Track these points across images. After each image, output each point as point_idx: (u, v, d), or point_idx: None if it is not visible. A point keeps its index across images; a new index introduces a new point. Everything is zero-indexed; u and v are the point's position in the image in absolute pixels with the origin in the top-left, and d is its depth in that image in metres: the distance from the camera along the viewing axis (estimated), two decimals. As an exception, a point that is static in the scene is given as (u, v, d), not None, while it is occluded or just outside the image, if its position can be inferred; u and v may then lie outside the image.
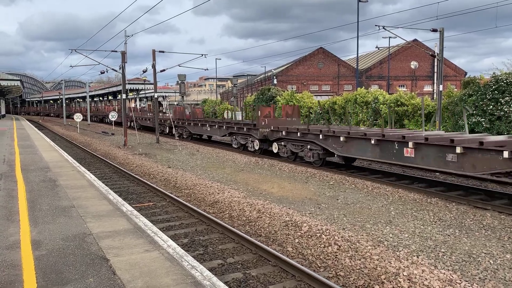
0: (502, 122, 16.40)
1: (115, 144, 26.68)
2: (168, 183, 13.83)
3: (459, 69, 69.11)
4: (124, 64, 25.63)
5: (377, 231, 8.21)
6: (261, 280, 6.33)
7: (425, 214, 9.46)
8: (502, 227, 8.46)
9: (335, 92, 62.44)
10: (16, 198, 8.91)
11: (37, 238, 6.26)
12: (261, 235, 8.40)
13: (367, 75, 67.24)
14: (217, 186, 12.37)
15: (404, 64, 68.06)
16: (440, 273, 6.05)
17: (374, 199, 10.99)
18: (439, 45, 19.96)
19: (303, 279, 6.23)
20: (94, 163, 19.23)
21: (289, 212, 9.24)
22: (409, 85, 66.62)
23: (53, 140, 28.66)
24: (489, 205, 9.93)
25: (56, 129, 45.26)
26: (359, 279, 6.18)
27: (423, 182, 13.01)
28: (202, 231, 8.74)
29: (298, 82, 66.25)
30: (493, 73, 17.77)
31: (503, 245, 7.45)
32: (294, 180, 13.71)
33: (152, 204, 11.11)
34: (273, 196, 11.44)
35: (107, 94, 78.94)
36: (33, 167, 13.27)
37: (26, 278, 4.81)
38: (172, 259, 5.45)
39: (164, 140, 28.63)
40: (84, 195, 9.32)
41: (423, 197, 10.99)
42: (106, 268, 5.12)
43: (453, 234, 8.02)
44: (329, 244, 7.35)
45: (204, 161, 18.48)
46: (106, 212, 7.81)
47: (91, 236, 6.38)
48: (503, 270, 6.36)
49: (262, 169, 16.10)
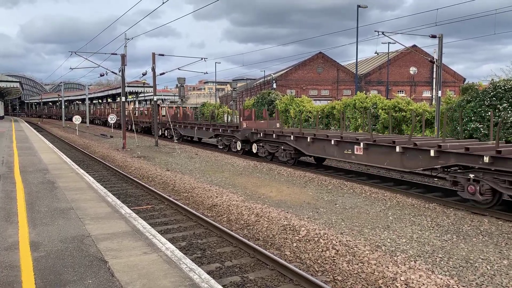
0: (502, 128, 16.45)
1: (113, 146, 26.68)
2: (166, 186, 13.84)
3: (458, 75, 69.33)
4: (124, 67, 25.67)
5: (375, 236, 8.23)
6: (259, 284, 6.34)
7: (423, 219, 9.49)
8: (499, 233, 8.49)
9: (334, 97, 62.57)
10: (14, 199, 8.92)
11: (36, 239, 6.26)
12: (259, 239, 8.41)
13: (366, 80, 67.42)
14: (215, 190, 12.38)
15: (403, 70, 68.27)
16: (438, 278, 6.07)
17: (372, 204, 11.01)
18: (438, 51, 20.05)
19: (301, 283, 6.24)
20: (92, 166, 19.23)
21: (287, 216, 9.26)
22: (408, 91, 66.80)
23: (52, 142, 28.64)
24: (486, 211, 9.97)
25: (55, 131, 45.25)
26: (356, 283, 6.20)
27: (421, 188, 13.04)
28: (200, 234, 8.75)
29: (297, 86, 66.38)
30: (492, 80, 17.87)
31: (500, 251, 7.48)
32: (293, 184, 13.73)
33: (150, 207, 11.12)
34: (272, 200, 11.46)
35: (106, 97, 79.00)
36: (32, 169, 13.28)
37: (25, 279, 4.82)
38: (171, 261, 5.47)
39: (163, 143, 28.64)
40: (82, 197, 9.33)
41: (421, 203, 11.02)
42: (104, 270, 5.13)
43: (451, 240, 8.05)
44: (327, 249, 7.37)
45: (202, 165, 18.50)
46: (104, 214, 7.82)
47: (89, 238, 6.39)
48: (500, 276, 6.38)
49: (260, 173, 16.12)
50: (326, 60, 68.25)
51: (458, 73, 69.93)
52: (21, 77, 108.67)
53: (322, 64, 67.91)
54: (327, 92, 67.92)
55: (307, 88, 66.24)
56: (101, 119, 58.74)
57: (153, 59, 27.70)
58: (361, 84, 63.50)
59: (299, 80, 66.97)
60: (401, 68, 68.08)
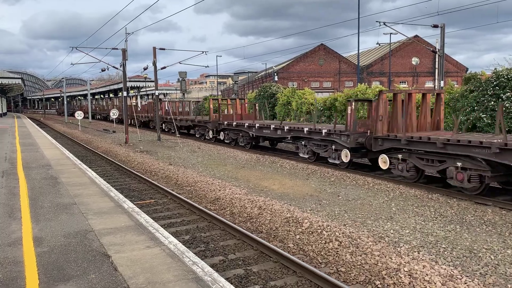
0: (504, 117, 16.35)
1: (116, 141, 26.71)
2: (169, 180, 13.85)
3: (460, 65, 68.91)
4: (125, 61, 25.63)
5: (378, 227, 8.22)
6: (262, 276, 6.35)
7: (426, 210, 9.46)
8: (503, 223, 8.46)
9: (336, 88, 62.34)
10: (18, 195, 8.94)
11: (39, 235, 6.28)
12: (262, 231, 8.41)
13: (368, 71, 67.08)
14: (218, 183, 12.38)
15: (405, 60, 67.86)
16: (441, 268, 6.05)
17: (375, 195, 10.99)
18: (440, 41, 19.90)
19: (304, 275, 6.24)
20: (95, 161, 19.26)
21: (290, 209, 9.25)
22: (410, 81, 66.48)
23: (55, 138, 28.70)
24: (489, 201, 9.94)
25: (58, 127, 45.32)
26: (360, 275, 6.20)
27: (424, 178, 13.00)
28: (203, 228, 8.75)
29: (299, 78, 66.14)
30: (494, 69, 17.71)
31: (504, 240, 7.45)
32: (295, 177, 13.72)
33: (153, 201, 11.13)
34: (274, 192, 11.46)
35: (108, 92, 78.96)
36: (35, 165, 13.30)
37: (28, 275, 4.84)
38: (174, 255, 5.47)
39: (165, 138, 28.65)
40: (85, 192, 9.34)
41: (424, 193, 10.99)
42: (107, 265, 5.14)
43: (454, 230, 8.03)
44: (330, 240, 7.36)
45: (205, 158, 18.50)
46: (107, 209, 7.84)
47: (92, 233, 6.40)
48: (504, 266, 6.36)
49: (263, 166, 16.11)
50: (327, 51, 67.90)
51: (460, 63, 69.48)
52: (23, 74, 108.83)
53: (323, 56, 67.56)
54: (329, 84, 67.65)
55: (309, 80, 66.00)
56: (103, 114, 58.76)
57: (154, 54, 27.63)
58: (363, 76, 63.23)
59: (300, 72, 66.71)
60: (403, 58, 67.68)
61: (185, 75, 31.48)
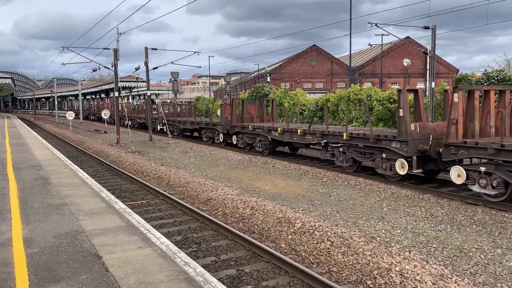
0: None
1: (107, 142, 26.55)
2: (161, 181, 13.79)
3: (451, 66, 69.47)
4: (117, 61, 25.49)
5: (369, 227, 8.26)
6: (255, 276, 6.35)
7: (417, 210, 9.53)
8: (493, 223, 8.55)
9: (328, 89, 62.52)
10: (7, 196, 8.85)
11: (29, 236, 6.22)
12: (254, 232, 8.41)
13: (360, 72, 67.38)
14: (210, 184, 12.36)
15: (397, 62, 68.24)
16: (432, 268, 6.10)
17: (366, 195, 11.04)
18: (431, 42, 20.05)
19: (296, 275, 6.25)
20: (86, 161, 19.13)
21: (282, 209, 9.26)
22: (402, 83, 66.83)
23: (45, 138, 28.45)
24: (480, 201, 10.02)
25: (48, 128, 44.94)
26: (351, 274, 6.22)
27: (415, 179, 13.09)
28: (195, 228, 8.73)
29: (291, 79, 66.23)
30: (485, 70, 17.93)
31: (493, 240, 7.53)
32: (288, 177, 13.74)
33: (145, 202, 11.08)
34: (267, 193, 11.46)
35: (100, 92, 78.55)
36: (25, 165, 13.18)
37: (18, 276, 4.79)
38: (165, 256, 5.45)
39: (157, 138, 28.54)
40: (76, 193, 9.28)
41: (415, 194, 11.07)
42: (99, 265, 5.11)
43: (445, 230, 8.09)
44: (322, 240, 7.38)
45: (197, 159, 18.46)
46: (98, 210, 7.79)
47: (83, 233, 6.36)
48: (494, 265, 6.42)
49: (255, 167, 16.11)
50: (319, 52, 68.07)
51: (451, 64, 70.04)
52: (13, 73, 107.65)
53: (316, 57, 67.73)
54: (321, 85, 67.83)
55: (301, 81, 66.10)
56: (95, 115, 58.40)
57: (146, 54, 27.52)
58: (355, 77, 63.48)
59: (293, 73, 66.81)
60: (394, 60, 68.05)
61: (177, 75, 31.36)
